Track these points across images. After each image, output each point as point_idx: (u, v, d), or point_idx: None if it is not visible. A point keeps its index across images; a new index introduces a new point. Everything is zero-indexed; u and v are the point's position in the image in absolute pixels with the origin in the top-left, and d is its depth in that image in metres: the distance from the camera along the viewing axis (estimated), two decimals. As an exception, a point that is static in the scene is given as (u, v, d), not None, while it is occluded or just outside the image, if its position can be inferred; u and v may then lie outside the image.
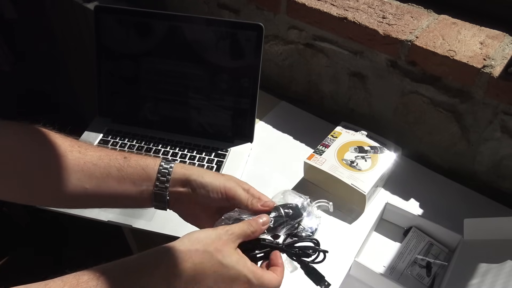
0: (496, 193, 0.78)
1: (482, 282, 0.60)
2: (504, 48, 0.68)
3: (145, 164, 0.51)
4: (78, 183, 0.49)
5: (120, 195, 0.51)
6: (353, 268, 0.66)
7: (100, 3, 1.17)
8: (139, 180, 0.51)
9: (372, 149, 0.80)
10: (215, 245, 0.44)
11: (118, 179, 0.50)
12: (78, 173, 0.49)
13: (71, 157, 0.49)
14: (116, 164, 0.50)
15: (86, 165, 0.49)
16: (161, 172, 0.51)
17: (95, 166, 0.50)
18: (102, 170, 0.50)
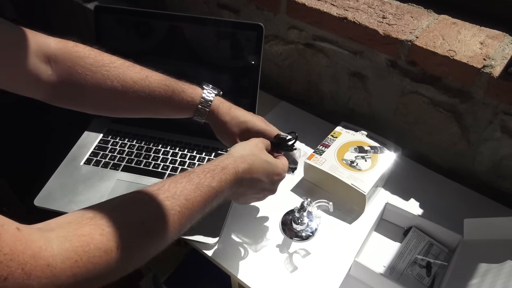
0: (496, 193, 0.78)
1: (482, 282, 0.60)
2: (504, 48, 0.68)
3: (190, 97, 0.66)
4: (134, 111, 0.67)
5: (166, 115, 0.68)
6: (353, 268, 0.66)
7: (100, 3, 1.17)
8: (183, 110, 0.67)
9: (372, 149, 0.80)
10: (257, 150, 0.61)
11: (166, 109, 0.66)
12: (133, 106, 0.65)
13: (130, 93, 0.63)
14: (164, 100, 0.64)
15: (138, 99, 0.63)
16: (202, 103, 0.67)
17: (146, 101, 0.64)
18: (153, 104, 0.65)
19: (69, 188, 0.79)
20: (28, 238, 0.32)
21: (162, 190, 0.46)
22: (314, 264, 0.69)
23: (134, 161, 0.83)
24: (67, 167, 0.83)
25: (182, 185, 0.48)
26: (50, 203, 0.76)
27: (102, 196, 0.77)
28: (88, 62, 0.59)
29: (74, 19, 1.36)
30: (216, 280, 1.09)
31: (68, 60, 0.58)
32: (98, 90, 0.60)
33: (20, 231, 0.32)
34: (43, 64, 0.57)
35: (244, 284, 0.67)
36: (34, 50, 0.55)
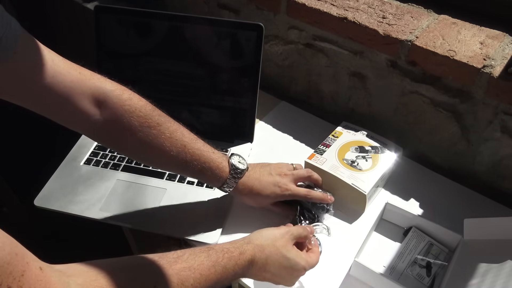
0: (496, 193, 0.78)
1: (482, 282, 0.60)
2: (504, 48, 0.68)
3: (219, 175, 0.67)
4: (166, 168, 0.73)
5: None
6: (353, 268, 0.66)
7: (100, 3, 1.17)
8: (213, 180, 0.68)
9: (373, 149, 0.80)
10: (280, 242, 0.58)
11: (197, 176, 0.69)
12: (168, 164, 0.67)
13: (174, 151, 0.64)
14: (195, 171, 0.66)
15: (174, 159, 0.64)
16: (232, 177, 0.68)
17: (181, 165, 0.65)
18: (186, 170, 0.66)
19: (69, 188, 0.79)
20: (48, 280, 0.34)
21: (180, 260, 0.48)
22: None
23: (134, 161, 0.83)
24: (67, 167, 0.83)
25: (200, 259, 0.50)
26: (50, 203, 0.76)
27: (102, 196, 0.77)
28: (139, 120, 0.61)
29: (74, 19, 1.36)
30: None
31: (119, 110, 0.60)
32: (140, 145, 0.62)
33: (42, 271, 0.34)
34: (93, 107, 0.59)
35: (244, 284, 0.67)
36: (87, 93, 0.58)
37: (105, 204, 0.76)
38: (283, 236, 0.59)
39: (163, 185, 0.79)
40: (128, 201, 0.77)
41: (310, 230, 0.64)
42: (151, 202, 0.76)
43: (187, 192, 0.78)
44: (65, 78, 0.55)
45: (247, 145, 0.87)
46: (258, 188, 0.69)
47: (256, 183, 0.69)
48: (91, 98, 0.58)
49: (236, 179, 0.68)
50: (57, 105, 0.56)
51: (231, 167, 0.67)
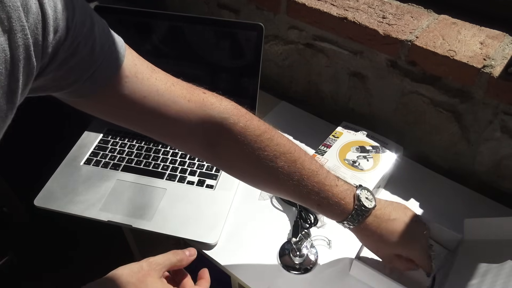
0: (496, 193, 0.78)
1: (482, 282, 0.60)
2: (504, 48, 0.68)
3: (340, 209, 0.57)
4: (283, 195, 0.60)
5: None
6: (353, 268, 0.66)
7: (100, 3, 1.17)
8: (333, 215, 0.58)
9: (373, 148, 0.80)
10: (137, 276, 0.49)
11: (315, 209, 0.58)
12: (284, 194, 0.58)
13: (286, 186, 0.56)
14: (312, 206, 0.57)
15: (290, 193, 0.57)
16: (356, 214, 0.57)
17: (297, 198, 0.57)
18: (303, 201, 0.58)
19: (69, 188, 0.79)
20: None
21: None
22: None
23: (134, 161, 0.83)
24: (67, 167, 0.83)
25: None
26: (50, 203, 0.76)
27: (102, 196, 0.77)
28: (254, 151, 0.53)
29: (74, 19, 1.35)
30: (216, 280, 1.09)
31: (233, 141, 0.52)
32: (254, 173, 0.56)
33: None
34: (205, 138, 0.52)
35: (244, 284, 0.67)
36: (196, 124, 0.51)
37: (105, 204, 0.76)
38: (141, 269, 0.50)
39: (163, 185, 0.79)
40: (128, 201, 0.77)
41: (189, 253, 0.56)
42: (151, 202, 0.76)
43: (187, 192, 0.78)
44: (170, 109, 0.49)
45: (247, 145, 0.87)
46: (384, 232, 0.58)
47: (383, 225, 0.58)
48: (201, 129, 0.51)
49: (360, 217, 0.57)
50: (164, 133, 0.52)
51: (356, 202, 0.57)
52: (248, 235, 0.73)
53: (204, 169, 0.82)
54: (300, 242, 0.67)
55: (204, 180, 0.80)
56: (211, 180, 0.80)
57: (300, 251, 0.67)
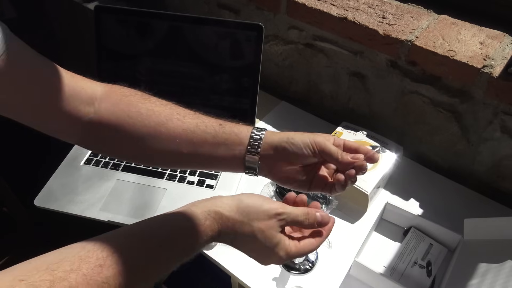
0: (496, 193, 0.78)
1: (482, 282, 0.60)
2: (504, 48, 0.68)
3: (239, 131, 0.53)
4: (177, 148, 0.53)
5: (214, 158, 0.54)
6: (353, 268, 0.66)
7: (100, 3, 1.17)
8: (233, 145, 0.53)
9: (373, 148, 0.80)
10: (259, 224, 0.46)
11: (213, 144, 0.52)
12: (177, 139, 0.52)
13: (171, 124, 0.52)
14: (212, 130, 0.52)
15: (184, 132, 0.52)
16: (253, 138, 0.52)
17: (192, 133, 0.52)
18: (199, 136, 0.52)
19: (69, 188, 0.79)
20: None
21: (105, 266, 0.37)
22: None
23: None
24: (67, 167, 0.83)
25: (138, 260, 0.40)
26: (50, 203, 0.76)
27: (102, 196, 0.77)
28: (134, 99, 0.54)
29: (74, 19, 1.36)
30: (216, 280, 1.09)
31: (112, 100, 0.53)
32: (141, 128, 0.53)
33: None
34: (86, 107, 0.52)
35: (244, 284, 0.67)
36: (80, 94, 0.52)
37: (105, 204, 0.76)
38: (268, 217, 0.46)
39: (163, 185, 0.79)
40: (128, 201, 0.77)
41: (319, 220, 0.49)
42: (151, 202, 0.76)
43: (187, 192, 0.78)
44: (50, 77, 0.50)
45: (247, 145, 0.87)
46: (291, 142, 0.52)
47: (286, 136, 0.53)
48: (83, 98, 0.52)
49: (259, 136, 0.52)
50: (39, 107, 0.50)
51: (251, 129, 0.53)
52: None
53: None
54: None
55: (204, 180, 0.80)
56: (211, 180, 0.80)
57: None
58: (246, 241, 0.46)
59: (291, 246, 0.47)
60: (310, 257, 0.69)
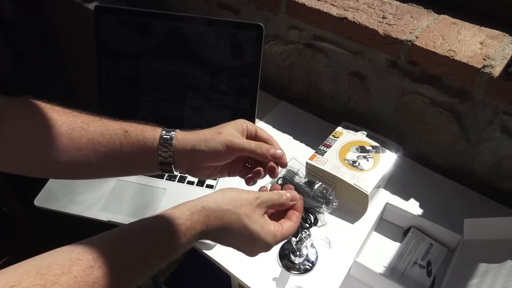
0: (496, 193, 0.78)
1: (482, 282, 0.60)
2: (504, 48, 0.68)
3: (146, 139, 0.52)
4: (85, 159, 0.51)
5: (126, 167, 0.54)
6: (353, 268, 0.66)
7: (100, 3, 1.17)
8: (142, 154, 0.52)
9: (373, 148, 0.80)
10: (244, 210, 0.47)
11: (122, 154, 0.52)
12: (83, 151, 0.51)
13: (76, 135, 0.50)
14: (117, 140, 0.51)
15: (90, 142, 0.51)
16: (163, 145, 0.52)
17: (98, 143, 0.51)
18: (105, 147, 0.51)
19: (69, 188, 0.79)
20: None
21: (96, 268, 0.37)
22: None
23: (134, 161, 0.83)
24: (67, 167, 0.83)
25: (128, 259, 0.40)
26: (50, 203, 0.76)
27: (102, 196, 0.77)
28: (34, 108, 0.50)
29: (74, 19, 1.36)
30: (216, 280, 1.09)
31: (12, 112, 0.48)
32: (43, 139, 0.49)
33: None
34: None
35: (244, 284, 0.67)
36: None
37: (105, 204, 0.76)
38: (250, 203, 0.48)
39: (163, 185, 0.79)
40: (128, 201, 0.77)
41: (293, 197, 0.53)
42: (151, 202, 0.76)
43: (187, 192, 0.78)
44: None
45: (247, 145, 0.87)
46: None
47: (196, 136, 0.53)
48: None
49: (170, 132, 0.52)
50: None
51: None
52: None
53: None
54: (300, 242, 0.67)
55: (204, 180, 0.80)
56: (211, 180, 0.80)
57: (300, 251, 0.67)
58: (234, 231, 0.47)
59: (276, 229, 0.49)
60: (310, 257, 0.69)
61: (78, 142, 0.50)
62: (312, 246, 0.70)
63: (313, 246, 0.70)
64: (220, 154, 0.52)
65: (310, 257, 0.69)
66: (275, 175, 0.55)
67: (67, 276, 0.35)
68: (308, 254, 0.69)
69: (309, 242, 0.69)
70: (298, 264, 0.68)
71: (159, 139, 0.52)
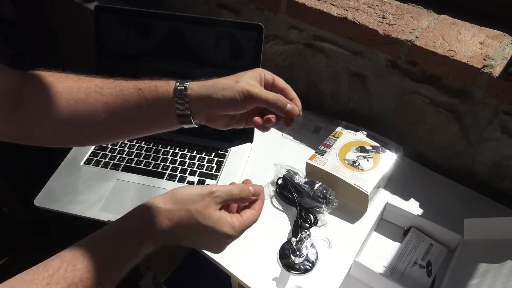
0: (496, 193, 0.78)
1: (482, 282, 0.60)
2: (504, 48, 0.68)
3: (160, 94, 0.52)
4: (104, 122, 0.52)
5: (146, 125, 0.55)
6: (353, 268, 0.66)
7: (100, 3, 1.17)
8: (158, 109, 0.52)
9: (373, 148, 0.80)
10: (195, 206, 0.47)
11: (140, 112, 0.52)
12: (102, 113, 0.51)
13: (91, 99, 0.51)
14: (132, 99, 0.52)
15: (106, 105, 0.51)
16: (178, 97, 0.52)
17: (115, 104, 0.51)
18: (121, 107, 0.51)
19: (69, 188, 0.79)
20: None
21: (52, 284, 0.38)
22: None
23: (134, 161, 0.83)
24: (67, 167, 0.83)
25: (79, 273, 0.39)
26: (50, 203, 0.76)
27: (102, 196, 0.77)
28: (53, 79, 0.51)
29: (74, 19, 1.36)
30: (216, 280, 1.09)
31: (36, 84, 0.51)
32: (62, 109, 0.50)
33: None
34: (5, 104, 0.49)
35: (244, 284, 0.67)
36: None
37: (105, 204, 0.76)
38: (202, 199, 0.47)
39: (163, 185, 0.79)
40: (128, 201, 0.77)
41: (255, 192, 0.52)
42: (151, 202, 0.76)
43: (187, 192, 0.78)
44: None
45: (247, 145, 0.87)
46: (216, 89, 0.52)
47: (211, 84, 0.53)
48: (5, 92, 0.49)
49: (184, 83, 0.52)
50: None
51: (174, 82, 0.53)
52: (248, 235, 0.73)
53: (204, 169, 0.82)
54: (300, 242, 0.67)
55: (204, 180, 0.80)
56: (211, 180, 0.80)
57: (300, 251, 0.67)
58: (189, 229, 0.47)
59: (234, 220, 0.49)
60: (310, 257, 0.69)
61: (94, 106, 0.51)
62: (312, 246, 0.70)
63: (313, 246, 0.70)
64: (236, 103, 0.51)
65: (310, 257, 0.69)
66: (290, 126, 0.56)
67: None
68: (308, 254, 0.69)
69: (309, 242, 0.69)
70: (298, 264, 0.68)
71: (174, 91, 0.51)
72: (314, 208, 0.75)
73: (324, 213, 0.75)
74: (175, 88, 0.51)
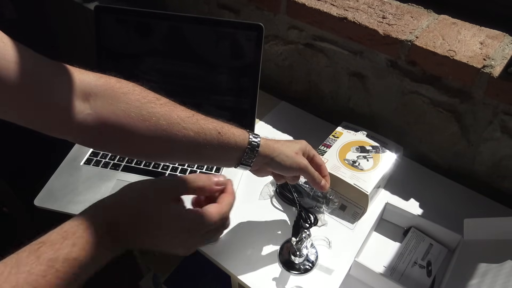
0: (496, 193, 0.78)
1: (482, 282, 0.60)
2: (504, 48, 0.68)
3: (237, 143, 0.57)
4: (178, 150, 0.55)
5: (211, 161, 0.62)
6: (353, 268, 0.66)
7: (100, 3, 1.17)
8: (228, 154, 0.57)
9: (373, 148, 0.80)
10: (154, 201, 0.48)
11: (213, 152, 0.56)
12: (177, 144, 0.53)
13: (172, 130, 0.52)
14: (211, 140, 0.55)
15: (185, 138, 0.53)
16: (251, 150, 0.58)
17: (193, 141, 0.54)
18: (199, 145, 0.54)
19: (69, 188, 0.79)
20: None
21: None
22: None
23: (134, 161, 0.83)
24: (67, 167, 0.83)
25: (28, 267, 0.39)
26: (50, 203, 0.76)
27: (102, 196, 0.77)
28: (133, 98, 0.51)
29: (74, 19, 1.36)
30: (216, 280, 1.09)
31: (110, 97, 0.50)
32: (142, 130, 0.51)
33: None
34: (81, 102, 0.49)
35: (244, 284, 0.67)
36: (71, 86, 0.48)
37: (105, 204, 0.76)
38: (158, 193, 0.47)
39: (163, 185, 0.79)
40: (128, 201, 0.77)
41: (217, 181, 0.54)
42: (151, 202, 0.76)
43: (187, 192, 0.78)
44: (46, 68, 0.47)
45: (247, 145, 0.87)
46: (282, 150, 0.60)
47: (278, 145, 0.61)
48: (78, 91, 0.48)
49: (256, 139, 0.58)
50: (35, 102, 0.46)
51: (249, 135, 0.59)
52: (248, 235, 0.73)
53: (204, 169, 0.82)
54: (300, 242, 0.67)
55: (204, 180, 0.80)
56: (211, 180, 0.80)
57: (300, 251, 0.67)
58: (146, 228, 0.46)
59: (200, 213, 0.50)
60: (310, 257, 0.69)
61: (175, 137, 0.52)
62: (312, 246, 0.70)
63: (313, 246, 0.70)
64: (290, 170, 0.61)
65: (310, 257, 0.69)
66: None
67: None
68: (308, 254, 0.69)
69: (309, 242, 0.69)
70: (298, 264, 0.68)
71: (247, 144, 0.57)
72: (314, 208, 0.75)
73: (324, 213, 0.75)
74: (249, 142, 0.58)
